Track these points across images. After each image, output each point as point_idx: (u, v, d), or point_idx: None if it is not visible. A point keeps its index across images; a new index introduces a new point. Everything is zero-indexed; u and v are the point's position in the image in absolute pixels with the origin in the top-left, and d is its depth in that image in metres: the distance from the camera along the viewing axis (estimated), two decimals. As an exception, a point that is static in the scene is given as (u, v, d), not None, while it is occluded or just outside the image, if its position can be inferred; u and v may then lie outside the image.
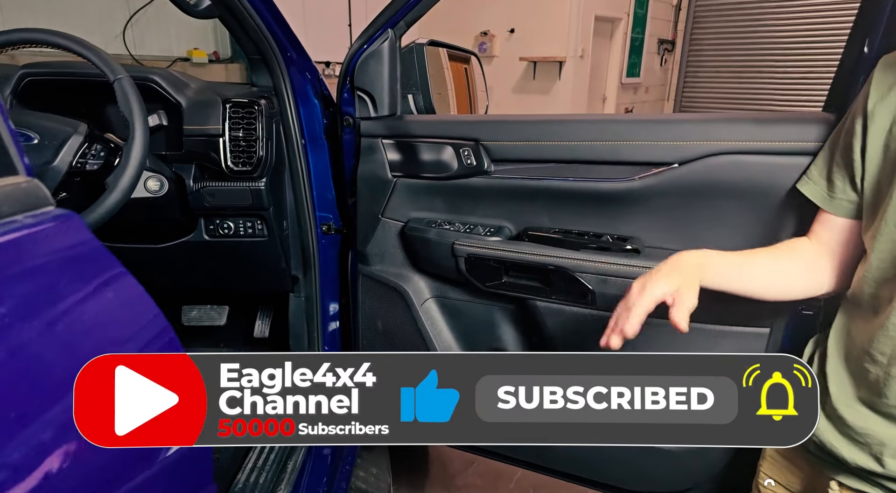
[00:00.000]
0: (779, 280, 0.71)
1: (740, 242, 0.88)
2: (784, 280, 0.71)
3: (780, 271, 0.72)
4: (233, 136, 1.02)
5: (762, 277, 0.71)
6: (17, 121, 0.79)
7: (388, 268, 1.14)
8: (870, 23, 0.76)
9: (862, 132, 0.64)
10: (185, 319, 1.42)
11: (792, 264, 0.72)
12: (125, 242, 1.13)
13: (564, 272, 0.94)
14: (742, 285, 0.70)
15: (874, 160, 0.63)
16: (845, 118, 0.70)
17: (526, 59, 4.80)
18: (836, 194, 0.69)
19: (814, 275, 0.71)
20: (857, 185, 0.66)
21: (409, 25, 1.01)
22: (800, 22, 5.23)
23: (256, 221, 1.13)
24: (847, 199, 0.68)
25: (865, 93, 0.65)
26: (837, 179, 0.69)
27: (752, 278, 0.71)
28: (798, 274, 0.71)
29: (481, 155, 1.01)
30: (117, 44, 3.26)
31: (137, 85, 0.86)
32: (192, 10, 0.92)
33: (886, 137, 0.61)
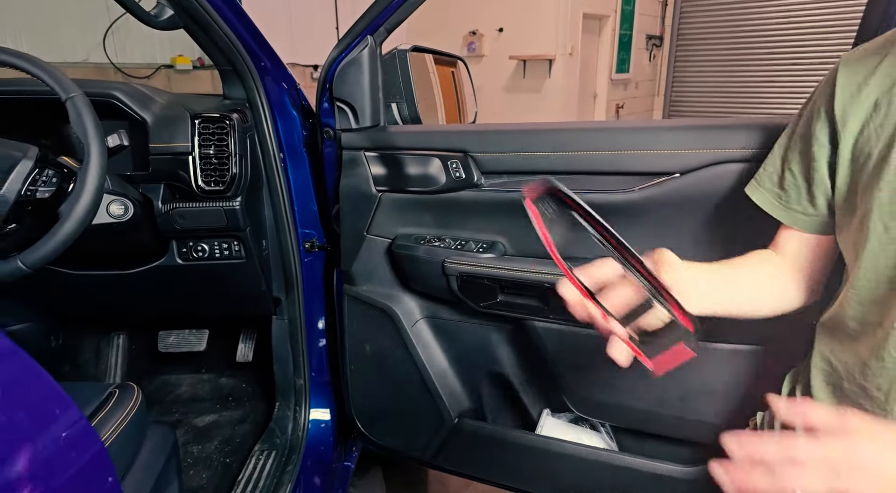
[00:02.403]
0: (754, 295, 0.64)
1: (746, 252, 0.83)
2: (756, 295, 0.64)
3: (753, 285, 0.64)
4: (203, 153, 0.95)
5: (738, 294, 0.63)
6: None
7: (375, 288, 1.07)
8: (877, 24, 0.71)
9: (830, 140, 0.56)
10: (161, 345, 1.35)
11: (762, 277, 0.65)
12: (90, 269, 1.05)
13: (563, 291, 0.88)
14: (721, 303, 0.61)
15: (846, 170, 0.55)
16: (796, 122, 0.63)
17: (515, 57, 4.75)
18: (791, 206, 0.62)
19: (781, 289, 0.64)
20: (814, 198, 0.59)
21: (389, 31, 0.94)
22: (784, 15, 5.23)
23: (233, 242, 1.06)
24: (803, 211, 0.61)
25: (829, 95, 0.56)
26: (791, 189, 0.62)
27: (731, 296, 0.62)
28: (766, 289, 0.64)
29: (470, 167, 0.94)
30: (98, 52, 3.17)
31: (97, 102, 0.79)
32: (153, 21, 0.85)
33: (858, 140, 0.54)
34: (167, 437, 0.93)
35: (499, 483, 1.10)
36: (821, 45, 5.05)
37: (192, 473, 1.16)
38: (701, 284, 0.59)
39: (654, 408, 0.90)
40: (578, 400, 0.96)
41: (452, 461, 1.11)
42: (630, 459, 0.94)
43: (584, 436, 1.01)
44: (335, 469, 1.23)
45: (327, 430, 1.22)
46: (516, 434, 1.02)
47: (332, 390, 1.23)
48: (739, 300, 0.63)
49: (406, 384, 1.08)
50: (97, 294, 1.14)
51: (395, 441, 1.15)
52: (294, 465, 1.13)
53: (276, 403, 1.23)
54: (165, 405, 1.38)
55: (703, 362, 0.85)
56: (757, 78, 5.55)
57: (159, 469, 0.87)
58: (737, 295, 0.62)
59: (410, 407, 1.09)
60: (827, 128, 0.57)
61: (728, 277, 0.63)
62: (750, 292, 0.64)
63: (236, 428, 1.30)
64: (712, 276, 0.62)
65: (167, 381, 1.44)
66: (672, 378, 0.87)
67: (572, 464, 0.97)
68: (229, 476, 1.13)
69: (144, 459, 0.84)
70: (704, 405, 0.86)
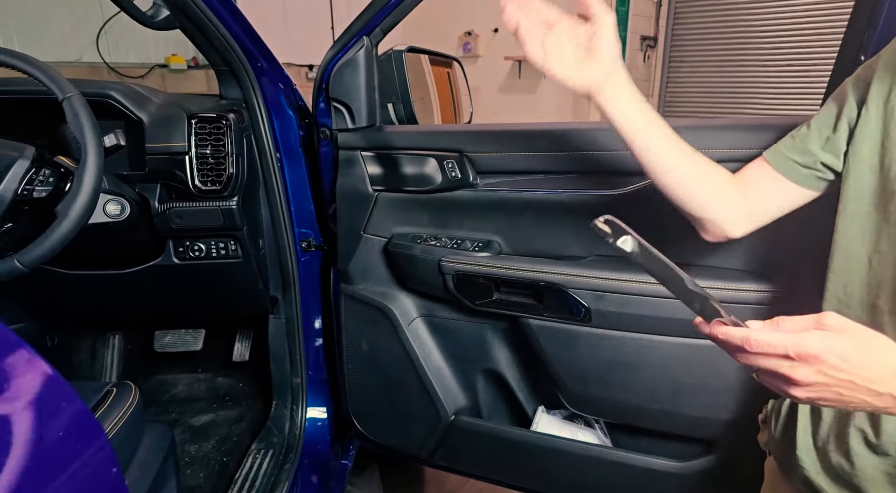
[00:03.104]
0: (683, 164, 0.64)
1: (739, 253, 0.84)
2: (687, 168, 0.64)
3: (691, 157, 0.64)
4: (200, 153, 0.96)
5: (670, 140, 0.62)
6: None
7: (372, 287, 1.08)
8: (865, 26, 0.73)
9: (858, 109, 0.57)
10: (157, 345, 1.35)
11: (705, 163, 0.65)
12: (86, 268, 1.05)
13: (558, 289, 0.89)
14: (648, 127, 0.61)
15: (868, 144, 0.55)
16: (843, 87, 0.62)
17: (511, 58, 4.76)
18: (783, 150, 0.63)
19: (711, 188, 0.65)
20: (822, 151, 0.59)
21: (385, 32, 0.95)
22: (778, 17, 5.28)
23: (230, 242, 1.06)
24: (797, 160, 0.61)
25: (870, 70, 0.56)
26: (800, 139, 0.62)
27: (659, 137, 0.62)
28: (700, 174, 0.64)
29: (466, 167, 0.95)
30: (92, 51, 3.16)
31: (94, 102, 0.79)
32: (149, 21, 0.85)
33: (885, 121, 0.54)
34: (165, 436, 0.93)
35: (495, 480, 1.11)
36: (814, 47, 5.10)
37: (189, 472, 1.17)
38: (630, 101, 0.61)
39: (647, 404, 0.91)
40: (573, 397, 0.97)
41: (449, 459, 1.12)
42: (623, 454, 0.95)
43: (579, 432, 1.02)
44: (332, 468, 1.23)
45: (324, 428, 1.22)
46: (512, 431, 1.03)
47: (329, 389, 1.24)
48: (656, 156, 0.63)
49: (403, 383, 1.08)
50: (93, 294, 1.14)
51: (391, 439, 1.16)
52: (291, 464, 1.14)
53: (273, 402, 1.23)
54: (162, 405, 1.38)
55: (693, 358, 0.86)
56: (750, 79, 5.58)
57: (157, 468, 0.88)
58: (659, 148, 0.63)
59: (407, 405, 1.10)
60: (859, 99, 0.56)
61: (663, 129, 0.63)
62: (685, 167, 0.64)
63: (233, 427, 1.30)
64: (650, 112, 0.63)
65: (163, 380, 1.44)
66: (664, 375, 0.89)
67: (567, 460, 0.99)
68: (226, 475, 1.14)
69: (142, 458, 0.85)
70: (695, 400, 0.88)
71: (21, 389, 0.37)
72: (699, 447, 0.93)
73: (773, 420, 0.69)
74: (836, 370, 0.39)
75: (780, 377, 0.41)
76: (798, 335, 0.40)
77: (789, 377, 0.40)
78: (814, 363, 0.39)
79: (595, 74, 0.60)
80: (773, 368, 0.41)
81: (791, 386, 0.41)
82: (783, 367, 0.40)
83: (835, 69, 0.79)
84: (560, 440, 0.99)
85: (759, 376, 0.43)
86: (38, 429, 0.36)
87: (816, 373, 0.39)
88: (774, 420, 0.68)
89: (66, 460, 0.37)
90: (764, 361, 0.41)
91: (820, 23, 5.02)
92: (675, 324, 0.83)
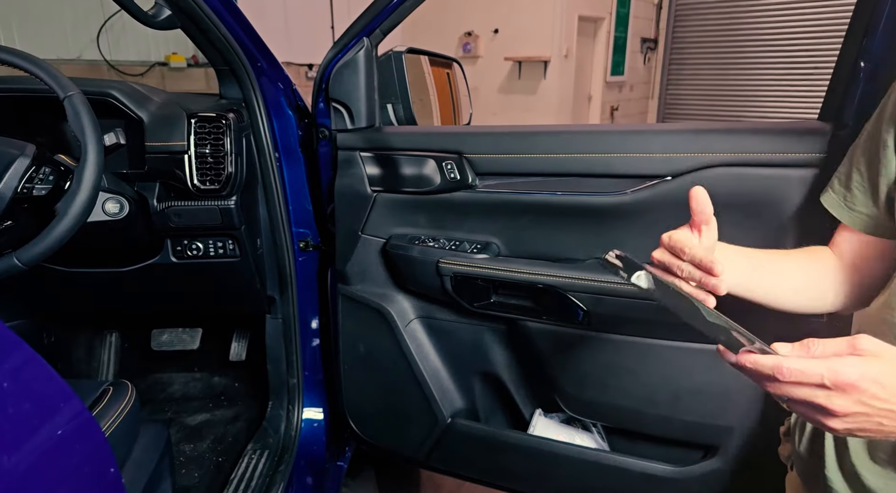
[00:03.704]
0: (798, 287, 0.61)
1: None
2: (804, 285, 0.61)
3: (802, 274, 0.61)
4: (199, 152, 0.96)
5: (783, 279, 0.60)
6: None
7: (369, 288, 1.08)
8: (864, 31, 0.73)
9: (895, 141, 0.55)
10: (154, 343, 1.34)
11: (814, 267, 0.63)
12: (84, 266, 1.05)
13: (556, 291, 0.89)
14: (762, 286, 0.59)
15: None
16: (872, 122, 0.61)
17: (511, 59, 4.77)
18: (855, 206, 0.61)
19: (831, 286, 0.62)
20: (878, 200, 0.58)
21: (385, 34, 0.95)
22: (777, 19, 5.29)
23: (228, 241, 1.06)
24: (867, 213, 0.60)
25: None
26: (858, 190, 0.61)
27: (773, 281, 0.60)
28: (818, 281, 0.62)
29: (465, 168, 0.95)
30: (92, 49, 3.16)
31: (94, 100, 0.79)
32: (151, 21, 0.85)
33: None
34: (160, 435, 0.93)
35: (491, 483, 1.11)
36: (815, 48, 5.11)
37: (184, 472, 1.16)
38: (738, 264, 0.58)
39: (645, 408, 0.91)
40: (570, 400, 0.97)
41: (445, 462, 1.12)
42: (621, 459, 0.96)
43: (576, 436, 1.02)
44: (328, 469, 1.23)
45: (320, 429, 1.22)
46: (509, 434, 1.03)
47: (326, 390, 1.24)
48: (780, 291, 0.61)
49: (399, 384, 1.08)
50: (91, 291, 1.14)
51: (388, 441, 1.16)
52: (287, 464, 1.13)
53: (269, 402, 1.23)
54: (158, 404, 1.37)
55: (692, 363, 0.86)
56: (750, 82, 5.60)
57: (152, 467, 0.88)
58: (779, 284, 0.61)
59: (404, 407, 1.10)
60: (894, 132, 0.55)
61: (770, 264, 0.61)
62: (794, 283, 0.62)
63: (229, 427, 1.30)
64: (751, 260, 0.60)
65: (159, 379, 1.44)
66: (662, 379, 0.89)
67: (564, 464, 0.99)
68: (222, 475, 1.14)
69: (137, 456, 0.85)
70: (694, 405, 0.88)
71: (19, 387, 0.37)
72: (697, 452, 0.93)
73: (796, 434, 0.66)
74: (875, 399, 0.37)
75: (815, 408, 0.38)
76: (833, 362, 0.37)
77: (826, 408, 0.37)
78: (851, 393, 0.37)
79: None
80: (807, 398, 0.38)
81: (828, 417, 0.38)
82: (819, 397, 0.37)
83: (834, 75, 0.79)
84: (557, 443, 0.99)
85: (791, 406, 0.40)
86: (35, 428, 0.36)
87: (855, 403, 0.37)
88: (798, 434, 0.65)
89: (64, 459, 0.37)
90: (797, 390, 0.38)
91: (821, 26, 5.03)
92: (674, 328, 0.83)
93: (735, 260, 0.59)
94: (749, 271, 0.60)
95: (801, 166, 0.77)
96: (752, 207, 0.81)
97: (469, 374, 1.08)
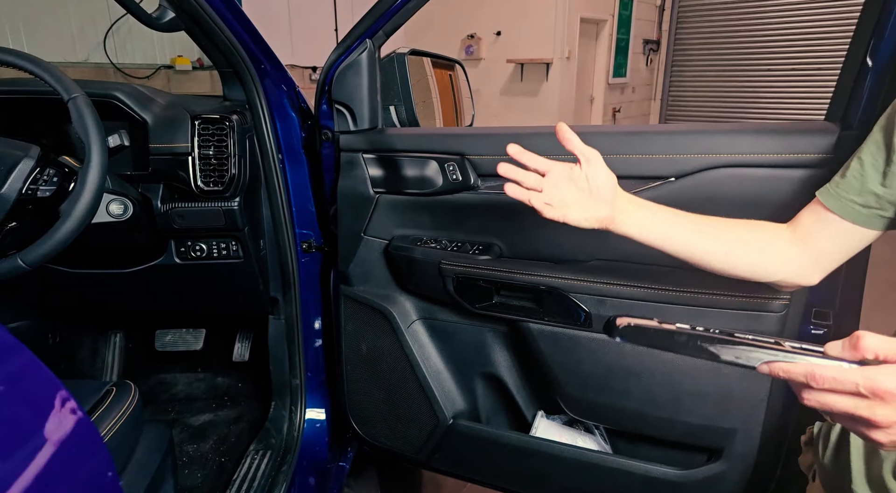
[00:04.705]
0: (722, 243, 0.64)
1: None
2: (731, 246, 0.64)
3: (726, 233, 0.65)
4: (203, 154, 0.96)
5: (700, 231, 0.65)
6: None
7: (372, 289, 1.08)
8: (872, 31, 0.73)
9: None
10: (158, 344, 1.35)
11: (746, 231, 0.65)
12: (88, 267, 1.06)
13: (558, 293, 0.89)
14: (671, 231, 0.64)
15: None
16: (890, 112, 0.59)
17: (513, 61, 4.78)
18: (842, 192, 0.60)
19: (770, 254, 0.64)
20: (883, 188, 0.57)
21: (388, 35, 0.95)
22: (780, 20, 5.28)
23: (231, 242, 1.07)
24: (863, 203, 0.59)
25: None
26: (854, 179, 0.59)
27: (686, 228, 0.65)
28: (751, 246, 0.64)
29: (467, 170, 0.96)
30: (99, 52, 3.18)
31: (98, 102, 0.80)
32: (155, 23, 0.86)
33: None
34: (163, 435, 0.93)
35: (493, 485, 1.11)
36: (817, 50, 5.09)
37: (187, 472, 1.17)
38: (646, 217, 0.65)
39: (648, 410, 0.91)
40: (573, 402, 0.97)
41: (447, 463, 1.12)
42: (623, 461, 0.95)
43: (579, 438, 1.02)
44: (330, 470, 1.23)
45: (322, 430, 1.22)
46: (511, 436, 1.03)
47: (328, 391, 1.24)
48: (703, 248, 0.65)
49: (401, 385, 1.08)
50: (96, 292, 1.15)
51: (390, 442, 1.16)
52: (289, 465, 1.14)
53: (272, 403, 1.24)
54: (161, 404, 1.38)
55: (695, 365, 0.86)
56: (753, 83, 5.59)
57: (155, 468, 0.88)
58: (699, 243, 0.65)
59: (406, 408, 1.10)
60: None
61: (679, 218, 0.66)
62: (725, 246, 0.65)
63: (232, 428, 1.31)
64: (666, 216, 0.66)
65: (163, 380, 1.44)
66: (664, 381, 0.88)
67: (566, 466, 0.98)
68: (224, 476, 1.14)
69: (140, 457, 0.85)
70: (697, 408, 0.87)
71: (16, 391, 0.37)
72: (701, 455, 0.93)
73: (819, 444, 0.64)
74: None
75: (858, 420, 0.37)
76: (869, 370, 0.36)
77: (868, 420, 0.36)
78: (891, 401, 0.35)
79: (603, 211, 0.64)
80: (849, 410, 0.37)
81: (872, 429, 0.37)
82: (860, 408, 0.36)
83: (841, 75, 0.79)
84: (559, 445, 0.99)
85: (835, 419, 0.39)
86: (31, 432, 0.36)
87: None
88: (822, 445, 0.64)
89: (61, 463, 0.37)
90: (836, 400, 0.37)
91: (824, 28, 5.02)
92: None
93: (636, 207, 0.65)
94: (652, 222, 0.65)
95: (807, 167, 0.77)
96: (758, 207, 0.80)
97: (471, 375, 1.07)
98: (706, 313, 0.81)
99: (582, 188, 0.64)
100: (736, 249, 0.65)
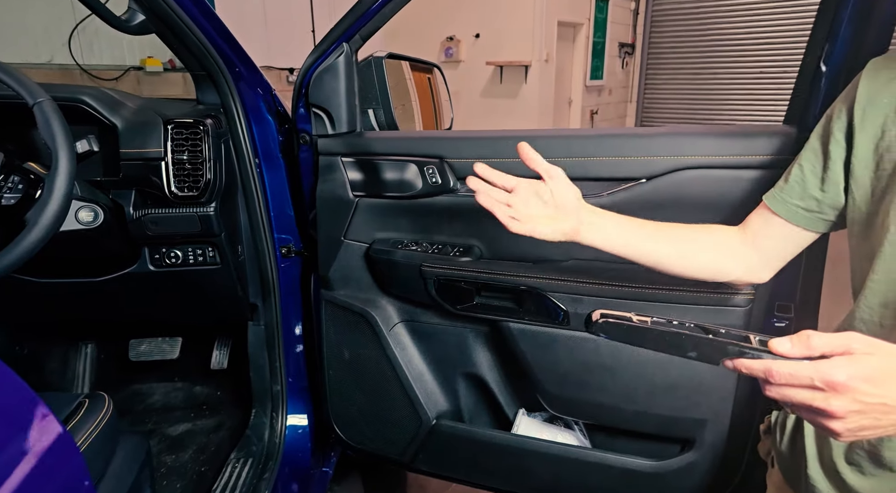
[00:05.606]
0: (679, 248, 0.68)
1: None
2: (686, 250, 0.68)
3: (682, 238, 0.69)
4: (176, 159, 0.94)
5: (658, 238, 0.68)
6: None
7: (353, 293, 1.08)
8: (826, 37, 0.76)
9: (846, 139, 0.57)
10: (132, 354, 1.32)
11: (701, 236, 0.69)
12: (58, 277, 1.03)
13: (537, 293, 0.90)
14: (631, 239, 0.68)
15: (863, 172, 0.55)
16: (824, 121, 0.62)
17: (492, 63, 4.81)
18: (789, 199, 0.63)
19: (723, 256, 0.68)
20: (823, 194, 0.60)
21: (364, 39, 0.96)
22: (750, 25, 5.46)
23: (207, 248, 1.05)
24: (804, 207, 0.62)
25: (851, 96, 0.57)
26: (796, 184, 0.63)
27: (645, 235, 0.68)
28: (705, 249, 0.68)
29: (446, 173, 0.96)
30: (63, 53, 3.07)
31: (66, 107, 0.78)
32: (124, 26, 0.84)
33: (878, 145, 0.54)
34: (140, 446, 0.91)
35: (477, 484, 1.12)
36: (782, 53, 5.29)
37: (165, 483, 1.14)
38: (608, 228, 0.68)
39: (623, 404, 0.93)
40: (552, 399, 0.98)
41: (431, 463, 1.12)
42: (602, 455, 0.97)
43: (559, 434, 1.03)
44: (313, 475, 1.22)
45: (305, 436, 1.21)
46: (493, 434, 1.04)
47: (310, 396, 1.23)
48: (661, 254, 0.69)
49: (384, 388, 1.08)
50: (66, 303, 1.11)
51: (373, 445, 1.16)
52: (271, 472, 1.12)
53: (253, 410, 1.22)
54: (137, 415, 1.34)
55: (667, 358, 0.88)
56: (723, 85, 5.76)
57: (132, 480, 0.86)
58: (657, 249, 0.69)
59: (389, 411, 1.10)
60: (845, 128, 0.57)
61: (641, 229, 0.69)
62: (681, 248, 0.69)
63: (211, 436, 1.28)
64: (626, 225, 0.69)
65: (139, 390, 1.41)
66: (638, 375, 0.91)
67: (548, 462, 1.00)
68: (204, 485, 1.12)
69: (116, 469, 0.83)
70: (669, 400, 0.90)
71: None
72: (675, 446, 0.96)
73: (777, 432, 0.68)
74: (867, 395, 0.38)
75: (816, 411, 0.39)
76: (820, 364, 0.38)
77: (825, 411, 0.38)
78: (844, 392, 0.38)
79: (569, 223, 0.67)
80: (806, 401, 0.39)
81: (829, 419, 0.39)
82: (817, 400, 0.38)
83: (798, 80, 0.83)
84: (540, 442, 1.00)
85: (795, 411, 0.41)
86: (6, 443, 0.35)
87: (851, 402, 0.38)
88: (780, 433, 0.67)
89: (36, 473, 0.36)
90: (793, 393, 0.39)
91: (792, 32, 5.21)
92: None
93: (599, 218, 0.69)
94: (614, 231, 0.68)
95: (766, 168, 0.80)
96: (723, 207, 0.83)
97: (453, 375, 1.08)
98: (677, 308, 0.84)
99: (547, 203, 0.67)
100: (691, 252, 0.69)
